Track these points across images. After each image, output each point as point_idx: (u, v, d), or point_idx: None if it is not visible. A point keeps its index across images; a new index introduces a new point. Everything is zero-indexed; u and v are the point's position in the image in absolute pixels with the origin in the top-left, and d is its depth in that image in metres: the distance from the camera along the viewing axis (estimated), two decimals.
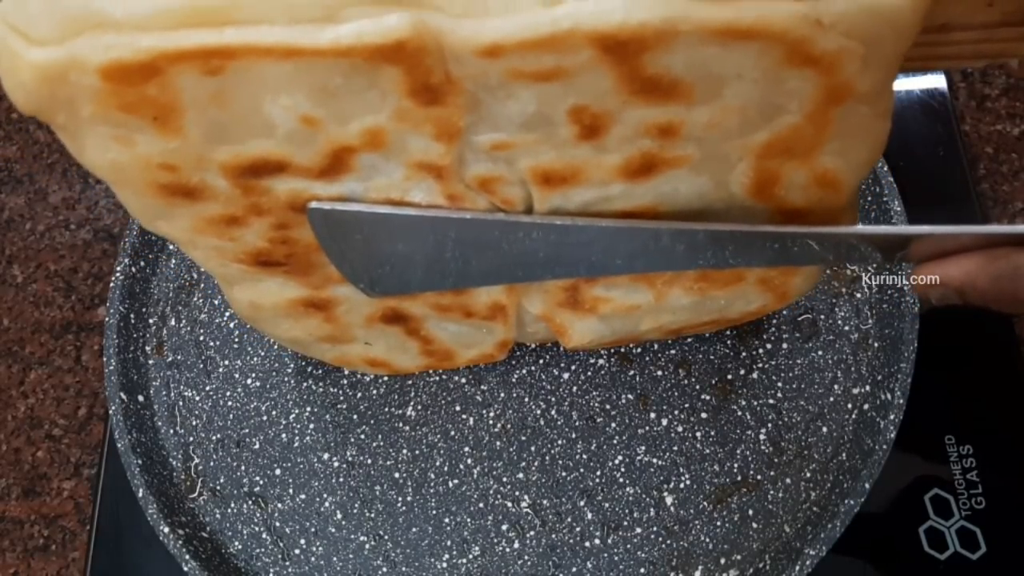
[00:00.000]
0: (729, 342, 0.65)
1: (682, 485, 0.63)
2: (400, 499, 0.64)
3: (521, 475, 0.64)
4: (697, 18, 0.38)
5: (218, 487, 0.65)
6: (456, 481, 0.64)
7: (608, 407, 0.65)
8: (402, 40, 0.38)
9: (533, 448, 0.64)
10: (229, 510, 0.65)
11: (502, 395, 0.66)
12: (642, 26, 0.38)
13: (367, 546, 0.63)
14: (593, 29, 0.38)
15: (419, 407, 0.66)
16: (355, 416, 0.66)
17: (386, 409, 0.66)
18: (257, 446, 0.66)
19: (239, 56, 0.38)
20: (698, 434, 0.64)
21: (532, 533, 0.62)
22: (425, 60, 0.39)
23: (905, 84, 0.80)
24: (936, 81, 0.80)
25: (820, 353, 0.65)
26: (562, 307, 0.58)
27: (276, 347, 0.69)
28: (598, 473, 0.63)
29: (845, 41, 0.40)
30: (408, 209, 0.46)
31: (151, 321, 0.70)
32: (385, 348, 0.62)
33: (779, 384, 0.64)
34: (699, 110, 0.43)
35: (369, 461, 0.65)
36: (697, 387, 0.65)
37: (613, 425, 0.64)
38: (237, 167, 0.45)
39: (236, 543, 0.64)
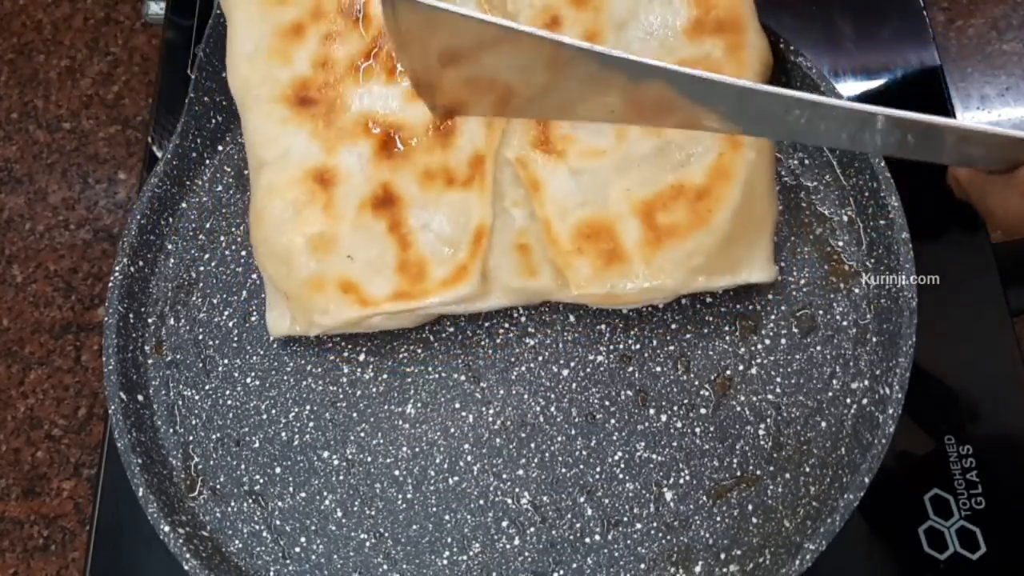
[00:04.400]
0: (728, 338, 0.66)
1: (682, 481, 0.63)
2: (400, 496, 0.64)
3: (521, 472, 0.64)
4: None
5: (218, 486, 0.65)
6: (456, 478, 0.64)
7: (607, 403, 0.65)
8: None
9: (533, 445, 0.64)
10: (229, 509, 0.65)
11: (501, 392, 0.66)
12: None
13: (367, 544, 0.63)
14: None
15: (419, 404, 0.66)
16: (355, 414, 0.66)
17: (385, 407, 0.66)
18: (257, 445, 0.66)
19: None
20: (697, 430, 0.64)
21: (532, 529, 0.62)
22: None
23: (905, 82, 0.80)
24: (935, 80, 0.80)
25: (819, 348, 0.65)
26: (535, 147, 0.62)
27: (275, 346, 0.69)
28: (598, 469, 0.63)
29: None
30: (508, 22, 0.52)
31: (150, 321, 0.70)
32: (364, 261, 0.62)
33: (778, 379, 0.64)
34: None
35: (369, 459, 0.65)
36: (696, 383, 0.65)
37: (612, 421, 0.64)
38: None
39: (236, 542, 0.64)
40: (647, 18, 0.62)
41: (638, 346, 0.66)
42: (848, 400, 0.63)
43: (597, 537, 0.62)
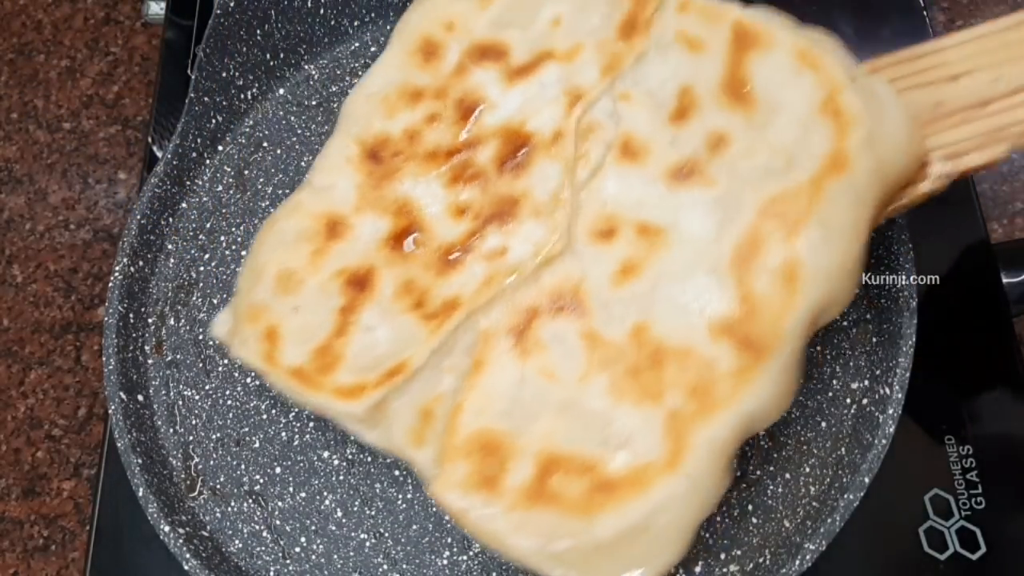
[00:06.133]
0: None
1: None
2: (400, 496, 0.64)
3: None
4: (799, 37, 0.56)
5: (218, 486, 0.65)
6: None
7: None
8: None
9: None
10: (229, 509, 0.65)
11: None
12: (769, 21, 0.56)
13: (367, 544, 0.63)
14: (740, 16, 0.57)
15: None
16: None
17: None
18: (257, 445, 0.66)
19: None
20: None
21: None
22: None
23: None
24: None
25: (819, 348, 0.65)
26: (508, 332, 0.57)
27: None
28: None
29: (861, 104, 0.53)
30: None
31: (150, 321, 0.70)
32: (302, 322, 0.60)
33: None
34: (750, 133, 0.55)
35: (369, 459, 0.65)
36: None
37: None
38: (478, 46, 0.64)
39: (236, 542, 0.64)
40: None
41: None
42: (848, 400, 0.63)
43: None
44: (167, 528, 0.60)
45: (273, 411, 0.67)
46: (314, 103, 0.77)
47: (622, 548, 0.52)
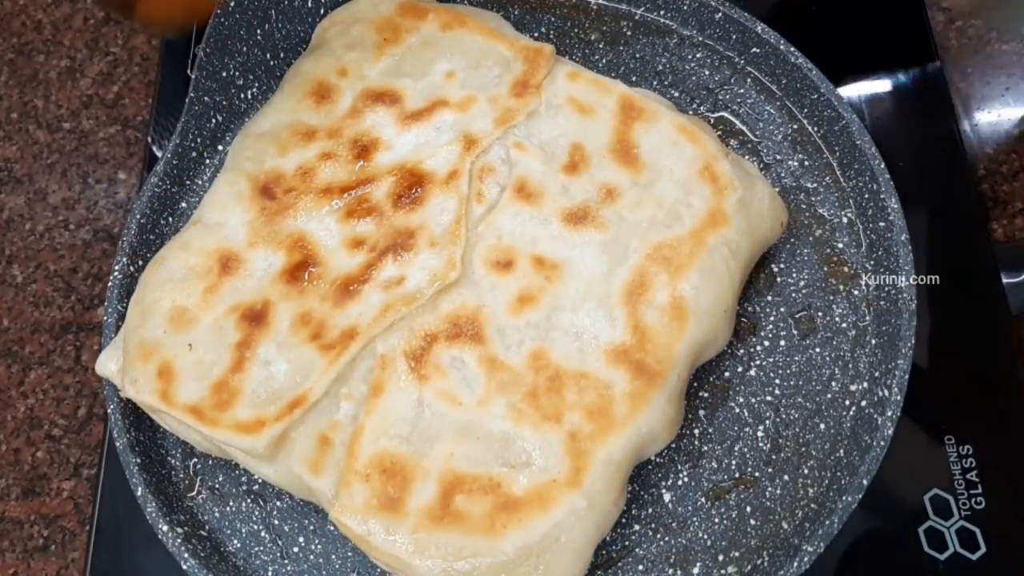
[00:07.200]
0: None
1: (680, 482, 0.63)
2: None
3: None
4: (678, 116, 0.65)
5: (217, 485, 0.65)
6: None
7: None
8: (549, 51, 0.67)
9: None
10: (228, 508, 0.65)
11: None
12: (652, 100, 0.66)
13: None
14: (626, 91, 0.66)
15: None
16: None
17: None
18: None
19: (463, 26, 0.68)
20: (696, 431, 0.64)
21: None
22: (545, 65, 0.66)
23: (905, 83, 0.80)
24: (936, 80, 0.80)
25: (818, 350, 0.65)
26: (407, 357, 0.59)
27: None
28: None
29: (733, 175, 0.63)
30: None
31: None
32: (196, 359, 0.60)
33: (777, 381, 0.64)
34: (636, 189, 0.63)
35: None
36: (695, 384, 0.65)
37: None
38: (372, 91, 0.67)
39: (235, 541, 0.64)
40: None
41: None
42: (847, 402, 0.63)
43: None
44: (165, 527, 0.61)
45: None
46: None
47: (526, 566, 0.54)
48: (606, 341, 0.58)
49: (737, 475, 0.62)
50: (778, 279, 0.66)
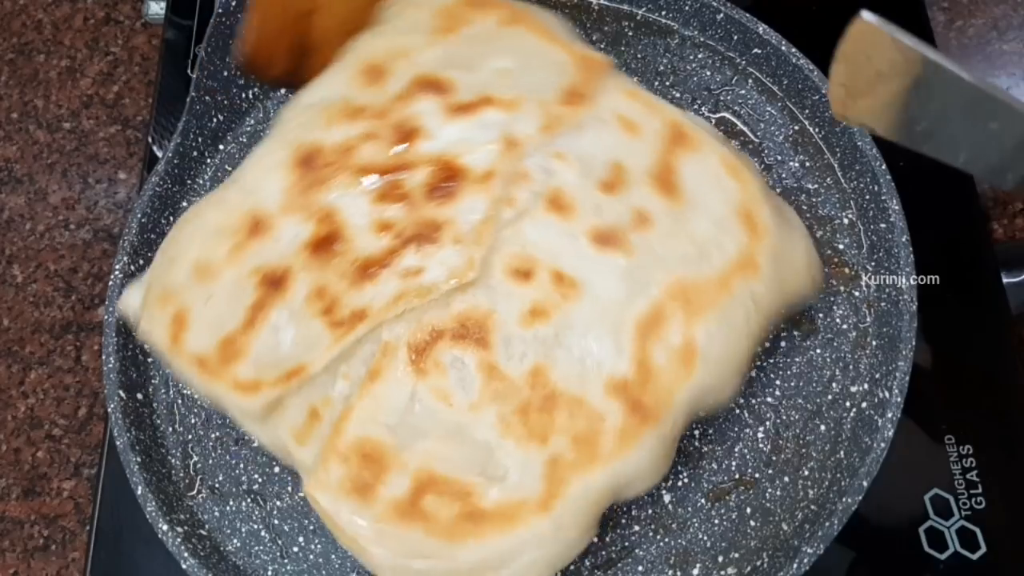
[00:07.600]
0: None
1: (680, 483, 0.63)
2: None
3: None
4: (726, 150, 0.62)
5: (217, 485, 0.65)
6: None
7: None
8: (607, 63, 0.64)
9: None
10: (228, 508, 0.65)
11: None
12: (702, 130, 0.63)
13: None
14: (678, 117, 0.63)
15: None
16: None
17: None
18: (256, 444, 0.66)
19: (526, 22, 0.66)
20: (696, 432, 0.64)
21: None
22: (600, 77, 0.63)
23: None
24: None
25: (818, 351, 0.65)
26: (410, 349, 0.58)
27: None
28: None
29: (771, 221, 0.60)
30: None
31: None
32: (213, 312, 0.60)
33: (777, 382, 0.64)
34: (670, 219, 0.59)
35: None
36: None
37: None
38: (423, 78, 0.64)
39: (235, 541, 0.64)
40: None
41: None
42: (847, 403, 0.63)
43: (595, 539, 0.61)
44: (165, 527, 0.61)
45: None
46: None
47: None
48: (608, 371, 0.56)
49: (737, 476, 0.62)
50: None
